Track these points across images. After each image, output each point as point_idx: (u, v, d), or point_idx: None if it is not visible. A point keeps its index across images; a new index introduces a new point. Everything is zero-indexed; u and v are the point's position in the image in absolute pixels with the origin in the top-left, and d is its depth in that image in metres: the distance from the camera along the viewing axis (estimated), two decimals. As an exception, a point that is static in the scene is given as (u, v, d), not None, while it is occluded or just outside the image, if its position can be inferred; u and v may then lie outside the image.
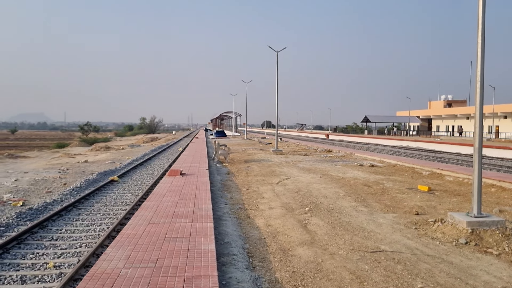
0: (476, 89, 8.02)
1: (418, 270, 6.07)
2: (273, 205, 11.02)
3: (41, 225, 9.50)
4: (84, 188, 14.92)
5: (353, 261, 6.46)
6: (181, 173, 15.81)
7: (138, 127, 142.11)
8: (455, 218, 8.16)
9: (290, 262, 6.53)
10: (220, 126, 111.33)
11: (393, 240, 7.64)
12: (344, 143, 51.59)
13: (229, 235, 8.03)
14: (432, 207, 10.78)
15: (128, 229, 7.60)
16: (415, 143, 48.65)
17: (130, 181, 16.77)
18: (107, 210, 11.35)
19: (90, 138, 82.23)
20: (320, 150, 33.11)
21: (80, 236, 8.83)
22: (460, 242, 7.41)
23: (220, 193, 13.11)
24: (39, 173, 20.18)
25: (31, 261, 7.15)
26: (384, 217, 9.62)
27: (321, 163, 22.67)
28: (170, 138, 70.39)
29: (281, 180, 15.68)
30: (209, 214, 8.84)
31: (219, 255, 6.57)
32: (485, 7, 7.99)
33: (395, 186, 14.33)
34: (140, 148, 44.00)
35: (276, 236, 8.10)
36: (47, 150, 48.80)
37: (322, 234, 8.13)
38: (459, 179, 15.88)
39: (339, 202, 11.39)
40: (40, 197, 13.49)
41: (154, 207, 9.63)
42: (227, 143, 33.16)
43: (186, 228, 7.70)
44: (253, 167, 20.45)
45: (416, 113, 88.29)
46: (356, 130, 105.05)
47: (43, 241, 8.39)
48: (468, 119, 73.39)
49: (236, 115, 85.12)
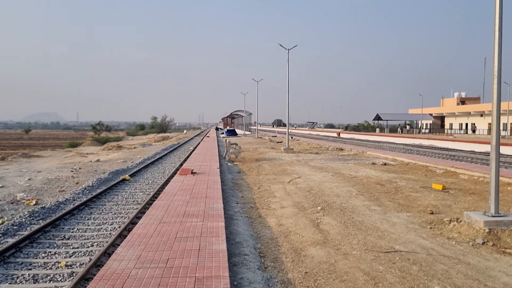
0: (493, 85, 7.82)
1: (434, 271, 5.92)
2: (284, 204, 10.91)
3: (54, 224, 9.51)
4: (96, 187, 14.96)
5: (367, 262, 6.33)
6: (192, 172, 15.77)
7: (150, 126, 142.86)
8: (472, 217, 7.97)
9: (302, 262, 6.42)
10: (231, 125, 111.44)
11: (408, 240, 7.48)
12: (355, 141, 51.24)
13: (241, 235, 7.94)
14: (447, 206, 10.57)
15: (139, 228, 7.56)
16: (428, 141, 48.11)
17: (142, 180, 16.79)
18: (119, 209, 11.35)
19: (102, 137, 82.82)
20: (332, 149, 32.87)
21: (92, 235, 8.83)
22: (477, 242, 7.23)
23: (231, 192, 13.04)
24: (52, 172, 20.31)
25: (43, 260, 7.16)
26: (398, 216, 9.45)
27: (332, 161, 22.48)
28: (181, 137, 70.59)
29: (293, 179, 15.55)
30: (220, 213, 8.76)
31: (230, 255, 6.48)
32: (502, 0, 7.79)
33: (408, 184, 14.11)
34: (151, 147, 44.16)
35: (288, 235, 7.99)
36: (60, 150, 49.25)
37: (335, 233, 8.00)
38: (474, 178, 15.61)
39: (351, 201, 11.24)
40: (53, 196, 13.55)
41: (165, 206, 9.58)
42: (238, 142, 33.11)
43: (197, 227, 7.63)
44: (264, 165, 20.35)
45: (429, 110, 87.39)
46: (367, 128, 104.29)
47: (55, 240, 8.40)
48: (482, 117, 72.36)
49: (247, 113, 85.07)
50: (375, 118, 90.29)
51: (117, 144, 49.27)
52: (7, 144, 70.93)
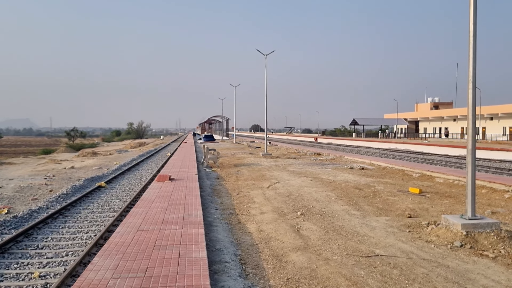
0: (469, 89, 7.96)
1: (415, 275, 5.94)
2: (264, 210, 10.84)
3: (26, 233, 9.28)
4: (71, 195, 14.63)
5: (349, 267, 6.31)
6: (170, 178, 15.56)
7: (126, 132, 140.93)
8: (449, 220, 8.07)
9: (284, 268, 6.35)
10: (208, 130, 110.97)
11: (388, 244, 7.52)
12: (333, 146, 51.69)
13: (221, 242, 7.82)
14: (425, 210, 10.71)
15: (116, 237, 7.35)
16: (403, 145, 48.93)
17: (118, 187, 16.50)
18: (94, 217, 11.12)
19: (77, 143, 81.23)
20: (310, 154, 33.04)
21: (67, 244, 8.62)
22: (455, 245, 7.31)
23: (210, 198, 12.90)
24: (25, 180, 19.76)
25: (16, 271, 6.95)
26: (377, 220, 9.51)
27: (311, 166, 22.57)
28: (158, 143, 69.89)
29: (272, 184, 15.52)
30: (199, 220, 8.63)
31: (210, 262, 6.36)
32: (476, 7, 7.96)
33: (386, 188, 14.26)
34: (127, 154, 43.53)
35: (268, 241, 7.92)
36: (33, 157, 48.07)
37: (316, 239, 7.98)
38: (450, 181, 15.89)
39: (331, 205, 11.27)
40: (25, 205, 13.18)
41: (143, 214, 9.38)
42: (216, 147, 32.92)
43: (176, 235, 7.48)
44: (243, 171, 20.26)
45: (404, 115, 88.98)
46: (344, 133, 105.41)
47: (28, 250, 8.17)
48: (455, 121, 74.09)
49: (225, 119, 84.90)
50: (351, 123, 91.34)
51: (92, 151, 48.40)
52: (-23, 151, 68.76)
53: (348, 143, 61.78)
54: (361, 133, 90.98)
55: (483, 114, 61.98)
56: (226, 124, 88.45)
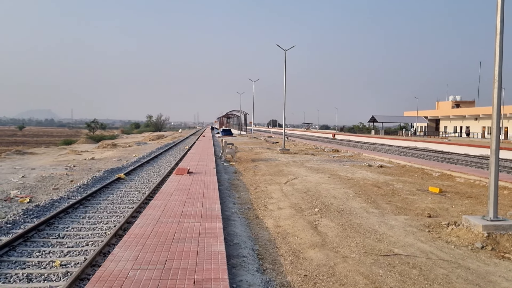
0: (494, 89, 7.79)
1: (434, 276, 5.87)
2: (282, 205, 10.85)
3: (48, 222, 9.41)
4: (91, 186, 14.84)
5: (367, 265, 6.27)
6: (189, 172, 15.68)
7: (145, 125, 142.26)
8: (470, 221, 7.94)
9: (301, 265, 6.35)
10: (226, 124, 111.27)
11: (407, 243, 7.44)
12: (351, 143, 51.29)
13: (238, 236, 7.87)
14: (444, 210, 10.56)
15: (136, 228, 7.46)
16: (422, 144, 48.25)
17: (137, 179, 16.67)
18: (114, 208, 11.24)
19: (97, 135, 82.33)
20: (328, 150, 32.87)
21: (87, 234, 8.73)
22: (476, 247, 7.20)
23: (228, 193, 12.96)
24: (46, 169, 20.13)
25: (37, 259, 7.06)
26: (396, 219, 9.42)
27: (329, 163, 22.46)
28: (177, 136, 70.37)
29: (289, 179, 15.50)
30: (217, 214, 8.69)
31: (228, 256, 6.39)
32: (504, 4, 7.77)
33: (405, 187, 14.10)
34: (146, 146, 43.95)
35: (286, 237, 7.93)
36: (54, 147, 48.88)
37: (333, 236, 7.95)
38: (470, 181, 15.63)
39: (349, 203, 11.20)
40: (47, 194, 13.41)
41: (162, 206, 9.49)
42: (233, 142, 33.03)
43: (195, 228, 7.55)
44: (261, 166, 20.28)
45: (424, 113, 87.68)
46: (362, 130, 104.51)
47: (49, 239, 8.30)
48: (477, 120, 72.70)
49: (243, 113, 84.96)
50: (370, 120, 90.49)
51: (112, 143, 48.97)
52: (0, 140, 70.40)
53: (366, 140, 61.23)
54: (379, 131, 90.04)
55: (506, 113, 60.69)
56: (244, 119, 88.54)
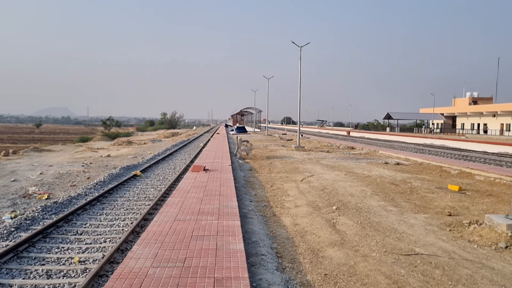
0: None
1: (458, 276, 5.73)
2: (298, 203, 10.76)
3: (66, 219, 9.47)
4: (108, 183, 14.91)
5: (388, 264, 6.16)
6: (204, 169, 15.67)
7: (159, 122, 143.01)
8: (493, 220, 7.76)
9: (321, 263, 6.27)
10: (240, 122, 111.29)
11: (428, 243, 7.30)
12: (366, 140, 50.84)
13: (256, 234, 7.81)
14: (465, 208, 10.36)
15: (154, 226, 7.45)
16: (439, 141, 47.58)
17: (153, 176, 16.71)
18: (131, 205, 11.26)
19: (112, 132, 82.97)
20: (343, 147, 32.62)
21: (104, 231, 8.75)
22: (500, 246, 7.03)
23: (244, 190, 12.91)
24: (63, 166, 20.34)
25: (57, 255, 7.09)
26: (416, 217, 9.26)
27: (344, 160, 22.27)
28: (191, 134, 70.63)
29: (305, 177, 15.39)
30: (235, 212, 8.64)
31: (247, 255, 6.33)
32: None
33: (423, 185, 13.89)
34: (161, 143, 44.15)
35: (304, 235, 7.84)
36: (71, 144, 49.45)
37: (352, 234, 7.84)
38: (490, 179, 15.33)
39: (366, 201, 11.06)
40: (64, 191, 13.52)
41: (179, 204, 9.48)
42: (248, 139, 32.99)
43: (213, 226, 7.51)
44: (276, 163, 20.20)
45: (440, 110, 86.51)
46: (377, 127, 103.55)
47: (68, 235, 8.34)
48: (495, 117, 71.45)
49: (257, 111, 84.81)
50: (385, 117, 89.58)
51: (127, 140, 49.33)
52: (18, 138, 71.56)
53: (382, 137, 60.63)
54: (394, 128, 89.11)
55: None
56: (258, 116, 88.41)
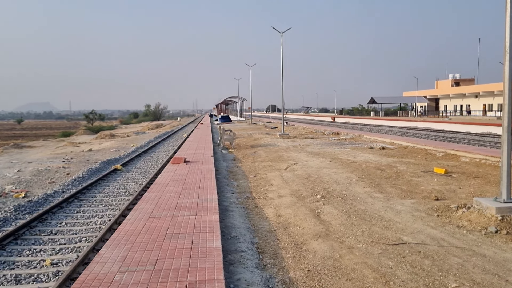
0: (505, 62, 7.27)
1: (448, 266, 5.43)
2: (282, 193, 10.40)
3: (40, 218, 9.09)
4: (87, 178, 14.48)
5: (375, 256, 5.83)
6: (185, 161, 15.20)
7: (143, 114, 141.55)
8: (482, 204, 7.50)
9: (304, 258, 5.91)
10: (225, 111, 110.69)
11: (416, 230, 7.00)
12: (351, 125, 50.78)
13: (237, 228, 7.42)
14: (452, 191, 10.12)
15: (126, 224, 6.99)
16: (423, 124, 47.77)
17: (134, 170, 16.30)
18: (110, 201, 10.91)
19: (96, 126, 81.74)
20: (328, 133, 32.39)
21: (81, 229, 8.40)
22: (490, 231, 6.76)
23: (226, 181, 12.51)
24: (43, 162, 19.73)
25: (28, 258, 6.73)
26: (402, 203, 8.98)
27: (329, 146, 21.99)
28: (175, 125, 69.91)
29: (290, 165, 15.04)
30: (214, 206, 8.22)
31: (226, 252, 5.95)
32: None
33: (409, 169, 13.66)
34: (145, 135, 43.52)
35: (287, 227, 7.49)
36: (53, 139, 48.44)
37: (337, 224, 7.51)
38: (476, 160, 15.18)
39: (352, 188, 10.76)
40: (42, 188, 13.06)
41: (156, 199, 9.03)
42: (232, 128, 32.56)
43: (190, 222, 7.08)
44: (260, 152, 19.82)
45: (423, 93, 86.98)
46: (362, 112, 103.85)
47: (41, 236, 7.97)
48: (477, 98, 72.11)
49: (241, 99, 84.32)
50: (369, 101, 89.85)
51: (110, 133, 48.49)
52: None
53: (366, 122, 60.70)
54: (379, 112, 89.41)
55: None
56: (242, 105, 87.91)
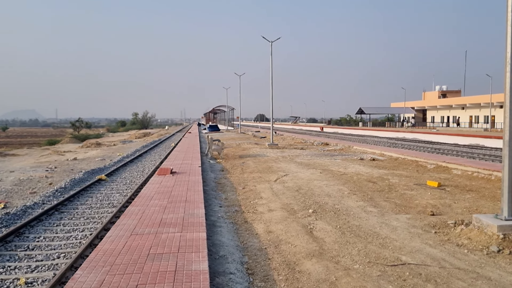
0: (506, 73, 7.01)
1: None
2: (272, 207, 9.99)
3: (17, 232, 8.63)
4: (69, 189, 13.97)
5: (373, 279, 5.43)
6: (172, 172, 14.70)
7: (131, 122, 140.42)
8: (482, 221, 7.17)
9: (298, 281, 5.48)
10: (213, 120, 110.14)
11: (414, 249, 6.64)
12: (339, 136, 50.72)
13: (225, 246, 6.97)
14: (447, 206, 9.81)
15: (106, 243, 6.48)
16: (411, 134, 47.91)
17: (119, 180, 15.80)
18: (92, 213, 10.47)
19: (82, 134, 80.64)
20: (317, 144, 32.12)
21: (60, 244, 7.95)
22: (492, 250, 6.42)
23: (214, 194, 12.06)
24: (26, 172, 19.08)
25: (0, 277, 6.25)
26: (397, 219, 8.63)
27: (319, 157, 21.66)
28: (163, 133, 69.25)
29: (279, 177, 14.65)
30: (201, 221, 7.75)
31: (213, 274, 5.50)
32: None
33: (401, 181, 13.35)
34: (132, 144, 42.82)
35: (278, 245, 7.07)
36: (37, 148, 47.42)
37: (331, 242, 7.11)
38: (468, 173, 14.94)
39: (344, 201, 10.40)
40: (23, 199, 12.56)
41: (139, 213, 8.53)
42: (220, 138, 32.11)
43: (175, 240, 6.60)
44: (249, 162, 19.40)
45: (411, 104, 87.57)
46: (350, 122, 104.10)
47: (17, 252, 7.51)
48: (464, 110, 72.78)
49: (229, 108, 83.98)
50: (358, 112, 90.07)
51: (96, 141, 47.74)
52: (-18, 142, 68.40)
53: (355, 132, 60.74)
54: (367, 122, 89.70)
55: (493, 102, 60.68)
56: (231, 114, 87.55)
